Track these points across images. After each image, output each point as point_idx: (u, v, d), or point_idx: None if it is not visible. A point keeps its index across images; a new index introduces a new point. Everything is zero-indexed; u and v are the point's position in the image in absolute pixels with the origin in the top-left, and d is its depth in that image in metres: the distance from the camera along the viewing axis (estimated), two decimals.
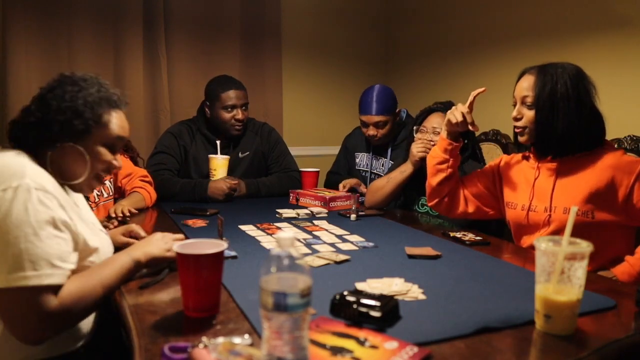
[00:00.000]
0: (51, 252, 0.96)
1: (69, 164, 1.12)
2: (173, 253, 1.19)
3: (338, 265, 1.29)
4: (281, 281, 0.69)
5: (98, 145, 1.14)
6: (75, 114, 1.10)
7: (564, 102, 1.45)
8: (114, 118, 1.16)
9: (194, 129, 2.44)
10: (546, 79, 1.48)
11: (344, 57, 3.62)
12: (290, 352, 0.69)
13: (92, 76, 1.17)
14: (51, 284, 0.95)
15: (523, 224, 1.59)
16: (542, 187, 1.55)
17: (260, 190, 2.34)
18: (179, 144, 2.39)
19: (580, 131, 1.47)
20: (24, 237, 0.93)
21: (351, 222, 1.85)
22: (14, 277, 0.92)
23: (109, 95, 1.16)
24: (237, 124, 2.36)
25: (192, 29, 3.07)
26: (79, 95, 1.11)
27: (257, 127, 2.55)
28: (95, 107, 1.12)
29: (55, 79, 1.15)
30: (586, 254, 0.89)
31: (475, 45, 2.99)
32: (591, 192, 1.45)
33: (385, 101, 2.34)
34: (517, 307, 1.00)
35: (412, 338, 0.85)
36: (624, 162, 1.45)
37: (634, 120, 2.13)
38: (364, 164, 2.55)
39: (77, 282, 1.02)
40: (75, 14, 2.75)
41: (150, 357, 0.80)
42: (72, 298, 0.98)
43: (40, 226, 0.95)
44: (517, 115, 1.54)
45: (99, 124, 1.13)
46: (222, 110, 2.35)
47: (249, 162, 2.46)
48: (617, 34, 2.23)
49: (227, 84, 2.37)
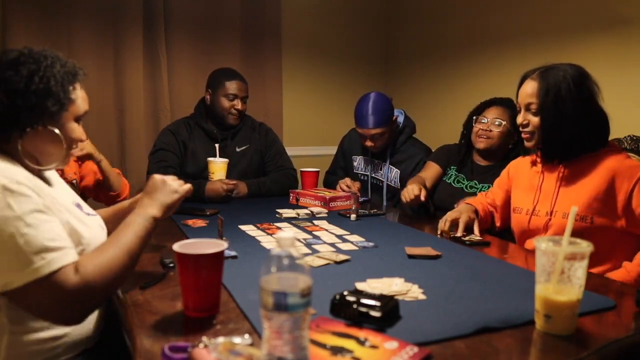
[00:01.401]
0: (50, 236, 0.95)
1: (42, 147, 1.06)
2: (182, 191, 1.19)
3: (338, 265, 1.29)
4: (281, 281, 0.69)
5: (69, 123, 1.08)
6: (48, 95, 1.02)
7: (568, 106, 1.44)
8: (79, 92, 1.10)
9: (192, 124, 2.46)
10: (549, 85, 1.46)
11: (344, 57, 3.62)
12: (291, 352, 0.69)
13: (46, 49, 1.08)
14: (64, 264, 0.94)
15: (525, 229, 1.59)
16: (547, 192, 1.55)
17: (260, 189, 2.35)
18: (178, 140, 2.40)
19: (587, 133, 1.46)
20: (18, 232, 0.92)
21: (351, 222, 1.85)
22: (27, 273, 0.91)
23: (72, 69, 1.09)
24: (235, 112, 2.42)
25: (192, 29, 3.07)
26: (47, 73, 1.02)
27: (255, 125, 2.57)
28: (64, 84, 1.05)
29: (9, 56, 1.03)
30: (586, 254, 0.89)
31: (476, 45, 3.00)
32: (591, 197, 1.44)
33: (382, 112, 2.28)
34: (517, 307, 1.00)
35: (412, 338, 0.85)
36: (624, 167, 1.44)
37: (634, 120, 2.13)
38: (361, 168, 2.54)
39: (96, 254, 1.00)
40: (75, 14, 2.75)
41: (150, 357, 0.80)
42: (93, 270, 0.96)
43: (29, 216, 0.93)
44: (522, 121, 1.53)
45: (70, 101, 1.07)
46: (224, 98, 2.40)
47: (248, 157, 2.47)
48: (617, 34, 2.23)
49: (232, 74, 2.45)
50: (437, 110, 3.27)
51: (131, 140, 2.95)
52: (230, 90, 2.40)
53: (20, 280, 0.91)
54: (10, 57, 1.03)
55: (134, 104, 2.92)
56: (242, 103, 2.42)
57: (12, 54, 1.04)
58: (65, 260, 0.95)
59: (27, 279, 0.91)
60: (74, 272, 0.94)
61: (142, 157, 2.89)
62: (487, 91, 2.20)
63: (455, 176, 2.12)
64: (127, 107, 2.92)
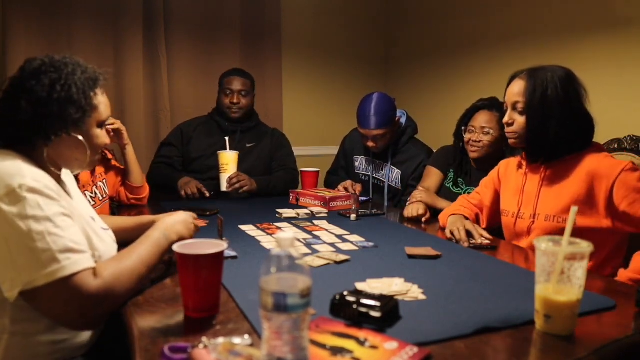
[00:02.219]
0: (75, 239, 0.97)
1: (67, 154, 1.09)
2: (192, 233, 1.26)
3: (338, 265, 1.29)
4: (281, 281, 0.69)
5: (93, 129, 1.11)
6: (70, 103, 1.04)
7: (555, 107, 1.44)
8: (101, 97, 1.12)
9: (206, 119, 2.60)
10: (536, 84, 1.47)
11: (344, 57, 3.62)
12: (290, 352, 0.69)
13: (67, 57, 1.10)
14: (87, 267, 0.96)
15: (512, 231, 1.60)
16: (529, 194, 1.56)
17: (268, 186, 2.43)
18: (183, 133, 2.54)
19: (571, 135, 1.46)
20: (47, 231, 0.93)
21: (351, 222, 1.85)
22: (52, 271, 0.92)
23: (93, 75, 1.10)
24: (233, 107, 2.51)
25: (192, 29, 3.07)
26: (68, 81, 1.04)
27: (269, 130, 2.69)
28: (86, 91, 1.07)
29: (31, 66, 1.06)
30: (586, 254, 0.89)
31: (476, 45, 2.99)
32: (572, 200, 1.44)
33: (384, 113, 2.27)
34: (517, 307, 1.00)
35: (412, 338, 0.85)
36: (603, 167, 1.43)
37: (634, 120, 2.13)
38: (363, 168, 2.53)
39: (117, 261, 1.03)
40: (75, 14, 2.75)
41: (150, 357, 0.80)
42: (114, 276, 0.98)
43: (57, 218, 0.96)
44: (508, 120, 1.54)
45: (92, 108, 1.09)
46: (222, 94, 2.54)
47: (255, 155, 2.54)
48: (617, 34, 2.23)
49: (232, 72, 2.58)
50: (437, 110, 3.27)
51: (131, 140, 2.91)
52: (227, 86, 2.52)
53: (44, 279, 0.92)
54: (32, 67, 1.06)
55: (134, 104, 2.92)
56: (240, 96, 2.52)
57: (34, 63, 1.06)
58: (88, 264, 0.96)
59: (50, 279, 0.92)
60: (93, 277, 0.96)
61: (143, 157, 2.88)
62: (487, 91, 2.19)
63: (454, 180, 2.12)
64: (127, 107, 2.92)
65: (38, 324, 1.01)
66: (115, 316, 1.04)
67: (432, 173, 2.20)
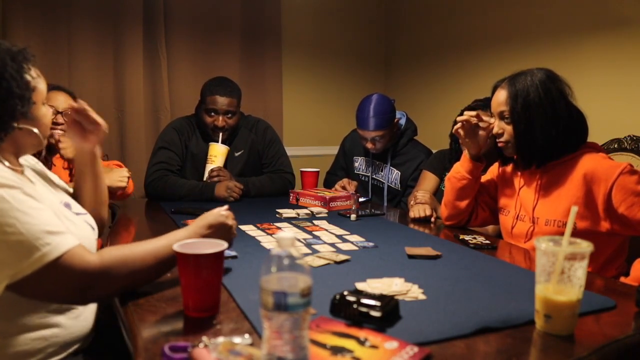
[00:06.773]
0: (49, 221, 0.96)
1: (22, 142, 1.09)
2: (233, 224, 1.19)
3: (338, 265, 1.29)
4: (281, 281, 0.69)
5: (38, 111, 1.09)
6: (12, 98, 1.00)
7: (538, 111, 1.44)
8: (34, 74, 1.07)
9: (193, 123, 2.42)
10: (517, 91, 1.46)
11: (344, 57, 3.63)
12: (291, 352, 0.69)
13: None
14: (72, 246, 0.95)
15: (510, 233, 1.60)
16: (526, 198, 1.55)
17: (249, 190, 2.30)
18: (181, 139, 2.37)
19: (561, 136, 1.45)
20: (18, 221, 0.92)
21: (351, 222, 1.85)
22: (35, 259, 0.91)
23: (22, 54, 1.04)
24: (217, 130, 2.30)
25: (192, 29, 3.07)
26: (5, 76, 0.99)
27: (252, 123, 2.50)
28: (23, 78, 1.02)
29: None
30: (586, 254, 0.89)
31: (475, 46, 3.00)
32: (571, 203, 1.43)
33: (383, 115, 2.26)
34: (517, 307, 1.00)
35: (412, 338, 0.85)
36: (601, 169, 1.41)
37: (634, 120, 2.14)
38: (362, 169, 2.53)
39: (124, 247, 1.03)
40: (75, 14, 2.75)
41: (150, 357, 0.80)
42: (114, 259, 0.98)
43: (25, 205, 0.94)
44: (498, 131, 1.54)
45: (33, 91, 1.06)
46: (205, 113, 2.32)
47: (244, 161, 2.43)
48: (616, 34, 2.23)
49: (216, 87, 2.31)
50: (436, 110, 3.27)
51: (131, 140, 2.95)
52: (209, 105, 2.29)
53: (29, 268, 0.91)
54: None
55: (134, 104, 2.92)
56: (226, 118, 2.30)
57: None
58: (70, 244, 0.95)
59: (36, 266, 0.92)
60: (87, 255, 0.96)
61: (142, 157, 2.89)
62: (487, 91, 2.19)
63: None
64: (127, 107, 2.92)
65: (29, 318, 1.01)
66: (115, 316, 1.04)
67: (428, 177, 2.20)
